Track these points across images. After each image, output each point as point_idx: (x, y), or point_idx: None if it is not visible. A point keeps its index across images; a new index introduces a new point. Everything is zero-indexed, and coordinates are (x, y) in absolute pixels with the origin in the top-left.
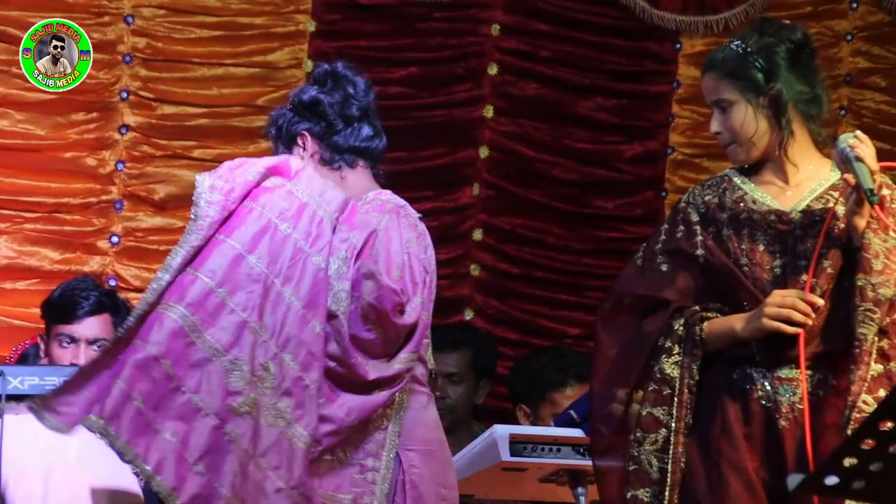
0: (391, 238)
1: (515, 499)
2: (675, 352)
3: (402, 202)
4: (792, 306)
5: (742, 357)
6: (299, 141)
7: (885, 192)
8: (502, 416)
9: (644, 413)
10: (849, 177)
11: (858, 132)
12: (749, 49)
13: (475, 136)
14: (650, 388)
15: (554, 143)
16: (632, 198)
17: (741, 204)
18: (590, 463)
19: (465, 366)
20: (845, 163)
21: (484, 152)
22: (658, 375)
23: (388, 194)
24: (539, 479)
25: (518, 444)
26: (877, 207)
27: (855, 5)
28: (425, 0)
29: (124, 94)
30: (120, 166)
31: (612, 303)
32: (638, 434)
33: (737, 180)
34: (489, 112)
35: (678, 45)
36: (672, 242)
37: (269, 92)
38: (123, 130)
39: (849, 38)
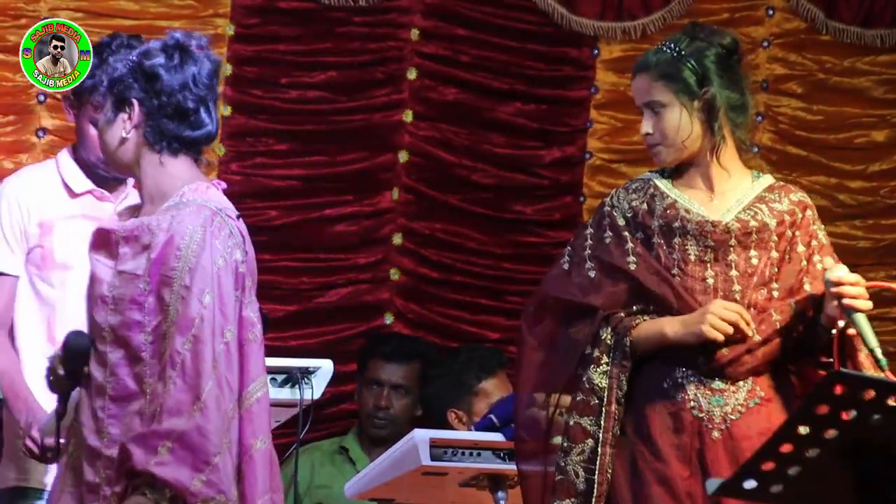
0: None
1: (436, 503)
2: (603, 361)
3: (220, 205)
4: (735, 321)
5: (673, 362)
6: (127, 108)
7: (808, 213)
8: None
9: (571, 423)
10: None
11: (843, 271)
12: (683, 52)
13: (394, 140)
14: (578, 398)
15: (473, 148)
16: (550, 203)
17: (672, 212)
18: (510, 467)
19: (412, 379)
20: (843, 310)
21: (403, 157)
22: (586, 385)
23: (203, 191)
24: (459, 483)
25: (438, 449)
26: (888, 372)
27: (771, 12)
28: (345, 4)
29: (42, 98)
30: None
31: (537, 305)
32: (565, 444)
33: (662, 186)
34: (408, 116)
35: (596, 51)
36: (600, 249)
37: None
38: (41, 133)
39: (765, 44)
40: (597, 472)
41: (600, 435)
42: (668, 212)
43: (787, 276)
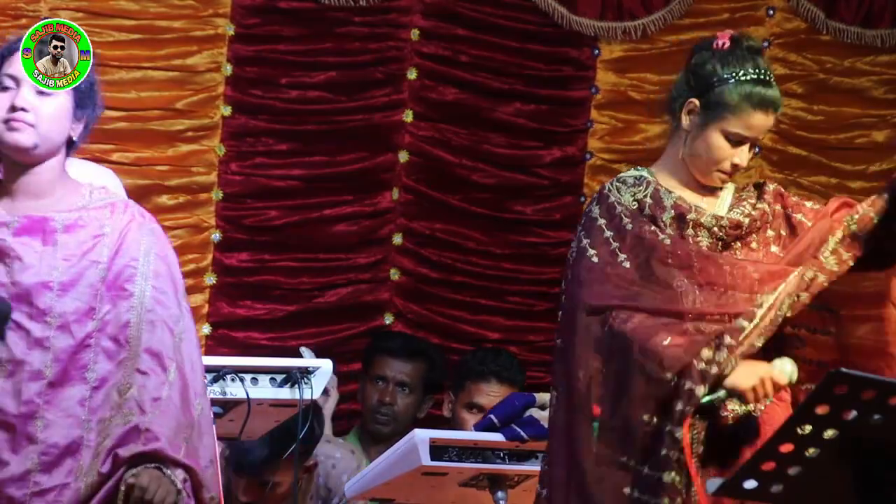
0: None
1: (436, 503)
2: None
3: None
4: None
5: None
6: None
7: (773, 187)
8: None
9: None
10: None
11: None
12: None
13: (394, 140)
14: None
15: (473, 148)
16: (550, 203)
17: (682, 204)
18: (510, 467)
19: (417, 377)
20: None
21: (403, 157)
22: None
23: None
24: (459, 483)
25: (438, 449)
26: None
27: (771, 12)
28: (345, 4)
29: None
30: None
31: (593, 320)
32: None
33: (661, 181)
34: (408, 116)
35: (597, 51)
36: (634, 238)
37: (188, 95)
38: None
39: (766, 44)
40: None
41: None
42: (679, 204)
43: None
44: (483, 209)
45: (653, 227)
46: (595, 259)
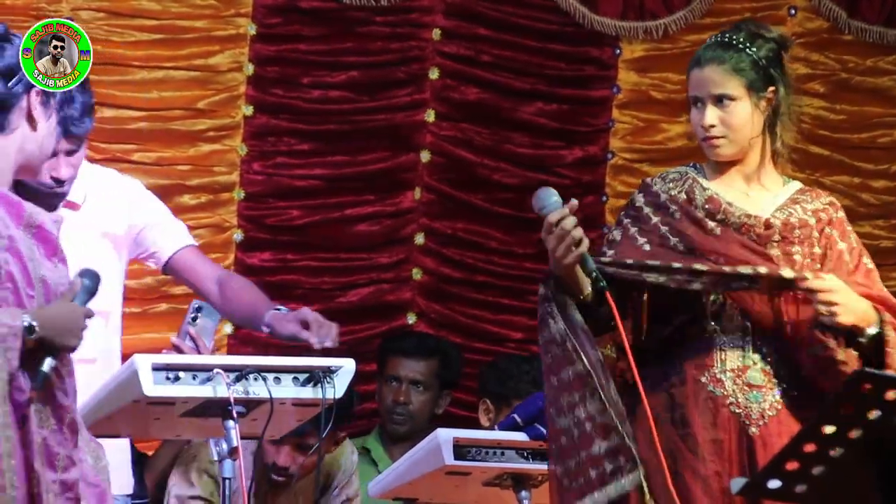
0: None
1: (459, 503)
2: None
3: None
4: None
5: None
6: None
7: (840, 214)
8: (464, 425)
9: None
10: None
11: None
12: (753, 48)
13: (416, 140)
14: None
15: (495, 148)
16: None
17: (713, 204)
18: (534, 467)
19: (431, 375)
20: None
21: (425, 156)
22: None
23: None
24: (483, 482)
25: (462, 448)
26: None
27: (793, 12)
28: (366, 4)
29: None
30: None
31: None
32: None
33: (700, 179)
34: (430, 116)
35: (618, 51)
36: (660, 230)
37: (210, 95)
38: None
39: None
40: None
41: None
42: (710, 204)
43: (833, 271)
44: (505, 209)
45: (682, 223)
46: (617, 236)
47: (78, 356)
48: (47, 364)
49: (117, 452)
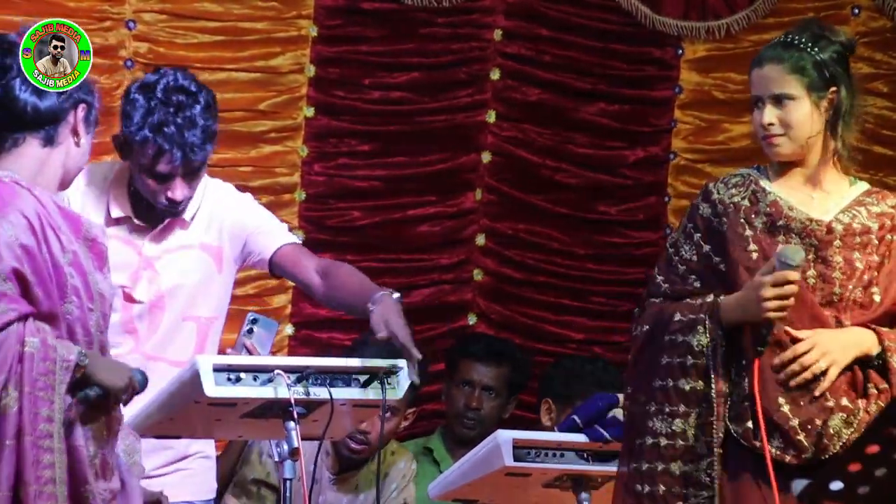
0: None
1: None
2: None
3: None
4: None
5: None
6: None
7: None
8: (522, 425)
9: None
10: None
11: None
12: (815, 48)
13: (477, 140)
14: None
15: (556, 148)
16: (634, 203)
17: (775, 209)
18: (593, 468)
19: (502, 381)
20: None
21: (486, 157)
22: None
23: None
24: (543, 484)
25: (521, 450)
26: None
27: (857, 11)
28: (427, 5)
29: None
30: None
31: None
32: None
33: (763, 183)
34: (491, 117)
35: (680, 51)
36: (719, 237)
37: (271, 97)
38: None
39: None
40: None
41: None
42: (772, 209)
43: (889, 280)
44: (566, 209)
45: (744, 233)
46: (670, 248)
47: (176, 360)
48: (94, 391)
49: (204, 459)
